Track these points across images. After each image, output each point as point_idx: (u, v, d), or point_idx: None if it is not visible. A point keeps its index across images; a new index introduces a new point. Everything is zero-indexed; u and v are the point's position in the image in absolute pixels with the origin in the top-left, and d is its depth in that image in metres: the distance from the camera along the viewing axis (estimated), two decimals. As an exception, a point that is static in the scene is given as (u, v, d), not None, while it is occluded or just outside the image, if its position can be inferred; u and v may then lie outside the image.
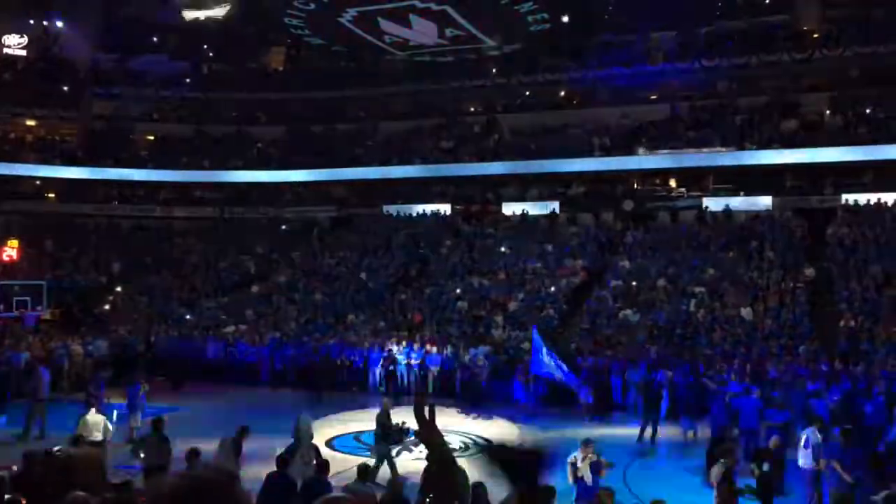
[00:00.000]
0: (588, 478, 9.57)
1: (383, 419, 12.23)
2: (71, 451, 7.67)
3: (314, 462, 10.49)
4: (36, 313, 27.39)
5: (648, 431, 15.79)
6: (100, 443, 12.08)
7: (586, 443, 10.15)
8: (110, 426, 12.65)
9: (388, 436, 12.19)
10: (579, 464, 9.77)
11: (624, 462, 13.08)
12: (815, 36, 35.07)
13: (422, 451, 11.33)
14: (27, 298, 27.04)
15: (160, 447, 10.92)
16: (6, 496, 7.24)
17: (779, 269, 25.99)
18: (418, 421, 3.66)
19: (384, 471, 11.85)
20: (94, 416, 12.45)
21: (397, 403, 15.76)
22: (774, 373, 17.93)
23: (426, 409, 3.62)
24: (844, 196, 30.09)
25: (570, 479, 9.85)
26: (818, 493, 10.68)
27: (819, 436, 10.98)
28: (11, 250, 32.88)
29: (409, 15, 32.50)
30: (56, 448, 9.74)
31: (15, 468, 8.72)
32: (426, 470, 3.77)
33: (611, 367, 19.91)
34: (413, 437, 12.31)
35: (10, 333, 25.16)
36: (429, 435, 3.48)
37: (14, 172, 39.12)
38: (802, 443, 11.12)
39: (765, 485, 10.03)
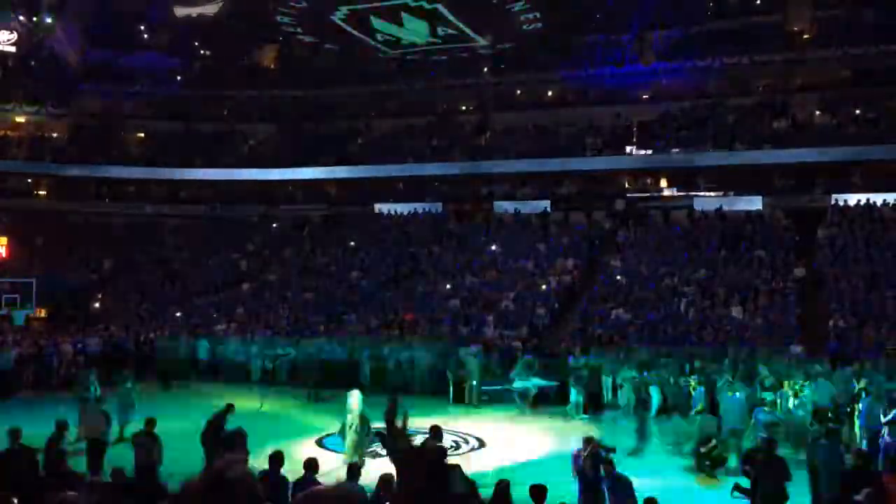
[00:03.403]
0: (590, 472, 9.66)
1: (220, 421, 11.81)
2: None
3: (367, 434, 11.84)
4: (25, 311, 27.25)
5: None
6: (103, 440, 12.12)
7: (588, 439, 10.24)
8: (108, 423, 12.74)
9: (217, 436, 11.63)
10: (581, 458, 9.90)
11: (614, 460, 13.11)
12: (806, 37, 35.25)
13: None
14: (17, 296, 26.93)
15: (151, 446, 10.92)
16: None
17: (769, 269, 26.13)
18: (388, 425, 3.68)
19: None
20: (93, 414, 12.47)
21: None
22: (764, 372, 18.00)
23: (399, 416, 3.63)
24: (834, 196, 30.25)
25: (574, 473, 10.01)
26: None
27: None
28: (1, 248, 32.72)
29: (402, 13, 32.47)
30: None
31: None
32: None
33: (602, 365, 19.95)
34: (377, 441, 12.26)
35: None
36: (398, 441, 3.53)
37: (3, 169, 38.97)
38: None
39: (754, 485, 10.09)
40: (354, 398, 12.42)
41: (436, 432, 10.12)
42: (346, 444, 12.16)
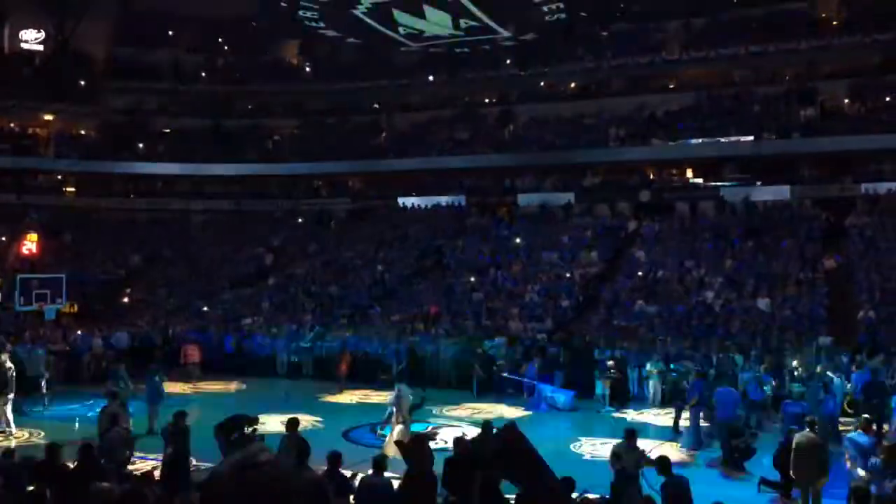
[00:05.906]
0: (633, 469, 9.57)
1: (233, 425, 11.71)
2: None
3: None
4: (56, 306, 27.62)
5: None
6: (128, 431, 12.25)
7: (630, 433, 10.09)
8: (129, 417, 12.82)
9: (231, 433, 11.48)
10: (622, 453, 9.81)
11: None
12: (834, 23, 34.65)
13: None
14: (47, 292, 27.25)
15: (180, 438, 11.03)
16: (29, 487, 7.33)
17: (797, 260, 25.78)
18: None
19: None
20: (113, 408, 12.58)
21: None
22: (793, 364, 17.80)
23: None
24: (864, 185, 29.74)
25: (612, 467, 9.93)
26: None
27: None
28: (31, 244, 33.18)
29: (424, 6, 32.42)
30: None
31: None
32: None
33: (627, 358, 19.83)
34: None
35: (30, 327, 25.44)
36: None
37: (33, 167, 39.57)
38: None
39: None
40: (405, 392, 12.94)
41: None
42: (392, 433, 12.52)
